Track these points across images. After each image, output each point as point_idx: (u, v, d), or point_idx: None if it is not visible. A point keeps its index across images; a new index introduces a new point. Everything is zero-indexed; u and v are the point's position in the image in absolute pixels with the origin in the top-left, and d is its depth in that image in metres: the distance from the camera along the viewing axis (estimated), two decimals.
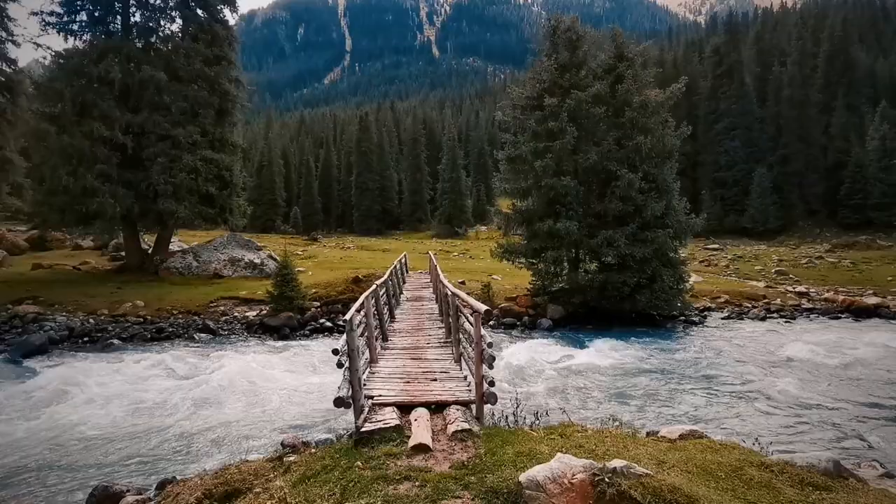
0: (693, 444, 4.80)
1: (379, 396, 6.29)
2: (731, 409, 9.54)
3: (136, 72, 23.99)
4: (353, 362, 5.49)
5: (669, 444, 4.77)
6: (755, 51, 71.09)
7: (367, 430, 5.02)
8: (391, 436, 4.97)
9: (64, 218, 23.89)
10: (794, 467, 3.98)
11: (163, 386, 11.15)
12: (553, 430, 5.29)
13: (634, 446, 4.60)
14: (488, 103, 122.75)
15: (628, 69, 19.38)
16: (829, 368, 12.86)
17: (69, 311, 19.15)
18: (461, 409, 5.85)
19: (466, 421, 5.39)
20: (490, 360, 5.48)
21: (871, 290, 26.53)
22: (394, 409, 5.86)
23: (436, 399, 6.24)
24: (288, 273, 19.40)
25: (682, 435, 5.92)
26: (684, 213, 19.74)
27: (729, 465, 4.02)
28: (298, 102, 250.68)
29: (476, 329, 5.65)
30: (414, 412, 5.74)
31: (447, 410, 5.91)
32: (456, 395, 6.34)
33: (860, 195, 54.01)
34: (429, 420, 5.44)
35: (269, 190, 73.24)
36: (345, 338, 5.45)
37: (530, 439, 4.83)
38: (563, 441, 4.73)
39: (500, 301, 20.48)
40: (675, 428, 6.02)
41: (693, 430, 6.05)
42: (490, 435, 4.95)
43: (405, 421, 5.54)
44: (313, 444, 5.51)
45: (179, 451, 7.76)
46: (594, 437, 4.85)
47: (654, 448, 4.59)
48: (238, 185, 28.02)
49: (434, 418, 5.70)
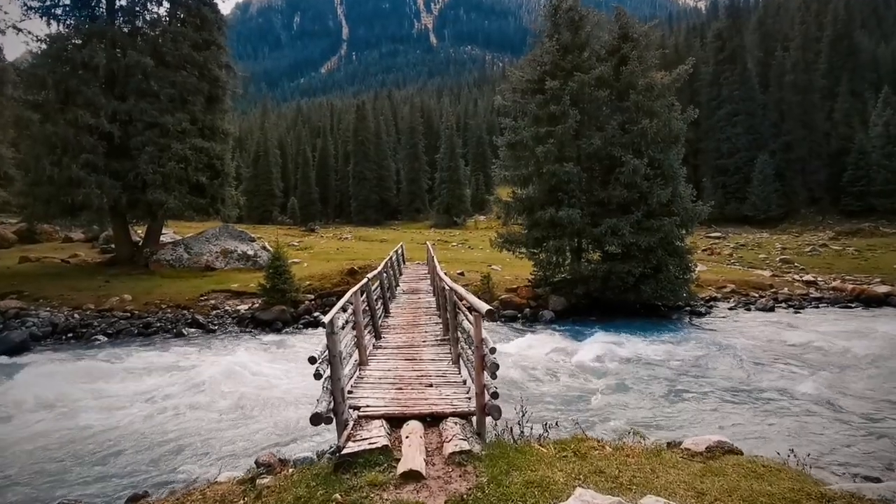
0: (732, 464, 4.14)
1: (366, 407, 5.57)
2: (752, 411, 8.87)
3: (121, 57, 23.10)
4: (336, 370, 4.80)
5: (703, 466, 4.11)
6: (758, 35, 69.83)
7: (349, 453, 4.26)
8: (378, 459, 4.24)
9: (49, 209, 23.09)
10: (864, 502, 3.29)
11: (143, 387, 10.48)
12: (565, 446, 4.62)
13: (663, 470, 3.95)
14: (486, 92, 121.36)
15: (633, 50, 18.56)
16: (850, 363, 12.18)
17: (54, 305, 18.47)
18: (460, 423, 5.14)
19: (466, 438, 4.68)
20: (493, 368, 4.73)
21: (879, 278, 25.98)
22: (382, 424, 5.15)
23: (431, 411, 5.51)
24: (280, 265, 18.71)
25: (710, 448, 5.27)
26: (690, 200, 19.04)
27: (782, 496, 3.35)
28: (295, 92, 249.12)
29: (476, 331, 4.91)
30: (406, 426, 5.04)
31: (444, 424, 5.20)
32: (454, 406, 5.63)
33: (863, 182, 53.24)
34: (422, 437, 4.73)
35: (265, 181, 72.28)
36: (325, 342, 4.77)
37: (540, 460, 4.17)
38: (579, 463, 4.08)
39: (501, 293, 19.83)
40: (701, 439, 5.36)
41: (721, 440, 5.38)
42: (493, 457, 4.25)
43: (395, 437, 4.84)
44: (291, 464, 4.83)
45: (153, 461, 7.10)
46: (615, 459, 4.18)
47: (687, 472, 3.93)
48: (230, 174, 27.23)
49: (429, 433, 5.01)
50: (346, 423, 4.85)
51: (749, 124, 59.74)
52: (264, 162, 72.93)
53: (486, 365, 4.79)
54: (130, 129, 23.33)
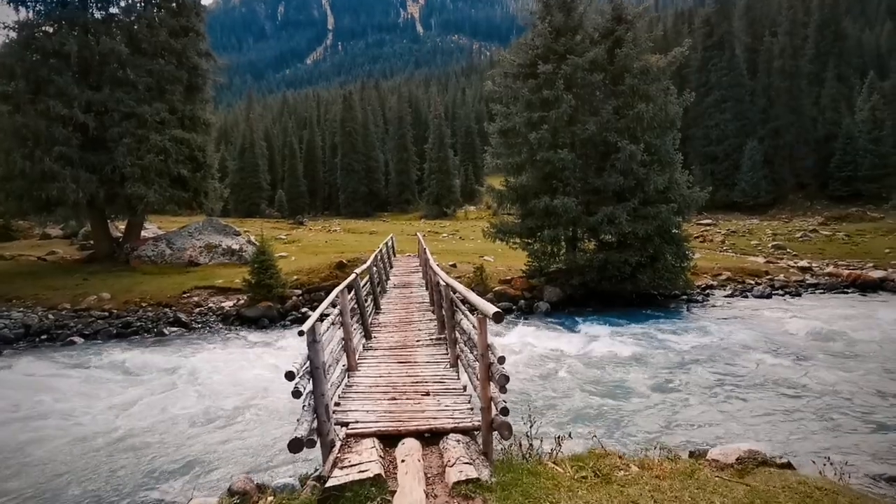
0: (780, 487, 3.62)
1: (356, 423, 4.96)
2: (767, 406, 8.37)
3: (94, 44, 22.05)
4: (319, 385, 4.20)
5: (747, 490, 3.57)
6: (745, 21, 69.53)
7: (335, 486, 3.61)
8: (369, 492, 3.59)
9: (22, 205, 22.12)
10: None
11: (112, 393, 9.76)
12: (583, 463, 4.08)
13: (703, 495, 3.43)
14: (475, 81, 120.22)
15: (627, 32, 17.96)
16: (859, 351, 11.75)
17: (28, 306, 17.64)
18: (463, 442, 4.51)
19: (472, 462, 4.05)
20: (502, 381, 4.02)
21: (871, 262, 25.87)
22: (374, 444, 4.51)
23: (429, 426, 4.91)
24: (266, 259, 17.98)
25: (741, 459, 4.75)
26: (686, 186, 18.58)
27: None
28: (281, 83, 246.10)
29: (481, 337, 4.24)
30: (401, 447, 4.42)
31: (445, 442, 4.57)
32: (455, 420, 5.02)
33: (850, 167, 53.41)
34: (421, 460, 4.13)
35: (252, 173, 70.98)
36: (306, 354, 4.16)
37: (558, 485, 3.63)
38: (603, 489, 3.54)
39: (494, 284, 19.28)
40: (729, 449, 4.84)
41: (752, 450, 4.86)
42: (505, 485, 3.64)
43: (389, 461, 4.23)
44: (270, 491, 4.21)
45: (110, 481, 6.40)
46: (645, 483, 3.64)
47: (731, 498, 3.41)
48: (213, 166, 26.32)
49: (428, 454, 4.41)
50: (332, 445, 4.25)
51: (737, 110, 59.56)
52: (250, 154, 71.56)
53: (494, 376, 4.17)
54: (106, 119, 22.34)
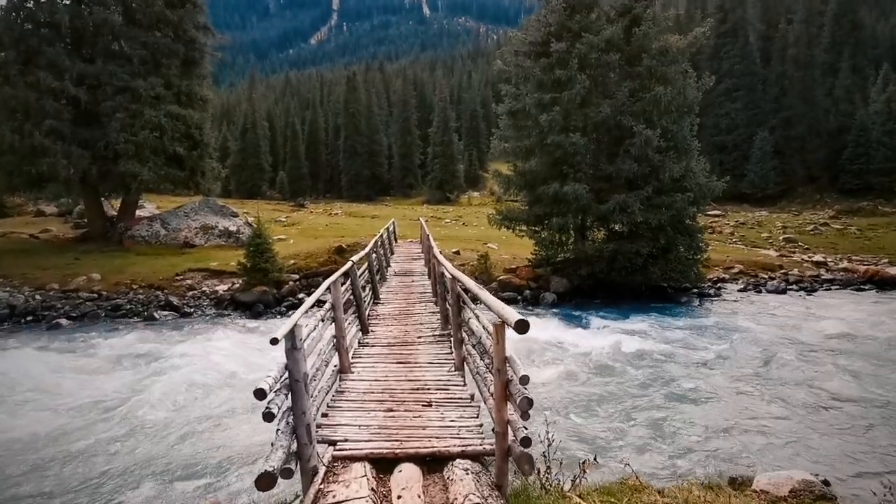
0: None
1: (344, 442, 4.24)
2: (800, 418, 7.61)
3: (87, 14, 21.16)
4: (300, 401, 3.47)
5: None
6: (760, 8, 67.89)
7: None
8: None
9: (12, 181, 21.46)
10: None
11: (90, 385, 9.10)
12: (615, 500, 3.40)
13: None
14: (481, 64, 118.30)
15: (646, 9, 16.98)
16: (892, 356, 11.03)
17: (14, 285, 17.02)
18: (473, 472, 3.73)
19: (483, 501, 3.28)
20: (525, 405, 3.20)
21: (886, 258, 25.16)
22: (365, 472, 3.75)
23: (432, 449, 4.13)
24: (262, 242, 17.26)
25: (795, 491, 4.05)
26: (703, 175, 17.73)
27: None
28: (284, 63, 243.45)
29: (498, 348, 3.49)
30: (398, 475, 3.71)
31: (450, 471, 3.82)
32: (463, 441, 4.25)
33: (862, 160, 52.24)
34: (421, 494, 3.43)
35: (253, 154, 69.83)
36: (283, 364, 3.44)
37: None
38: None
39: (499, 273, 18.56)
40: (780, 477, 4.14)
41: (806, 480, 4.17)
42: None
43: (382, 493, 3.51)
44: None
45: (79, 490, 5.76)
46: None
47: None
48: (210, 144, 25.49)
49: (430, 484, 3.70)
50: (314, 473, 3.54)
51: (749, 100, 58.26)
52: (252, 135, 70.38)
53: (514, 397, 3.38)
54: (99, 93, 21.51)
